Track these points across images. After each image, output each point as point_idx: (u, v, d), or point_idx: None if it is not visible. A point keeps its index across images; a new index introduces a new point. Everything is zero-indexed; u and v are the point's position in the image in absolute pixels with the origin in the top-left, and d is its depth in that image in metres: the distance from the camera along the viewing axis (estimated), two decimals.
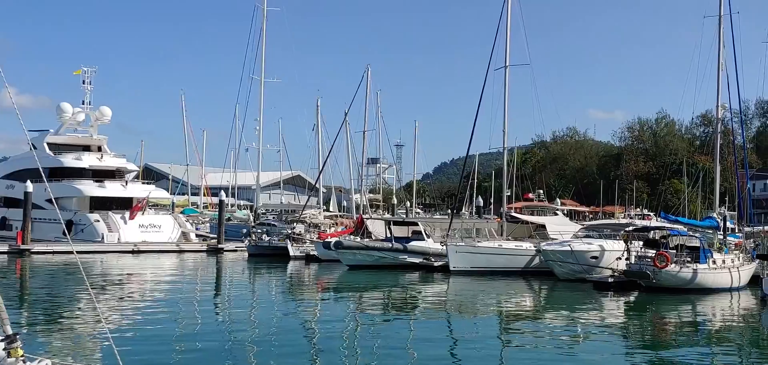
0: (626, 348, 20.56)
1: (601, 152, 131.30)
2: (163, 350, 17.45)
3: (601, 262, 36.62)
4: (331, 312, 26.61)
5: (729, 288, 33.14)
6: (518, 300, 30.87)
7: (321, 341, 19.83)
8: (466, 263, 39.29)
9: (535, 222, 48.68)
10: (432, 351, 18.51)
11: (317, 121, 68.64)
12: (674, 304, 28.97)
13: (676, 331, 23.94)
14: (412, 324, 23.52)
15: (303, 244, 50.30)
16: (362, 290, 32.78)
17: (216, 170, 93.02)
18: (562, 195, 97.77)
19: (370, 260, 42.22)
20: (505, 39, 44.97)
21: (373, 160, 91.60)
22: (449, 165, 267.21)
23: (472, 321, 24.96)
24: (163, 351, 17.35)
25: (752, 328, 24.76)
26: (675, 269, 32.13)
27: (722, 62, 40.88)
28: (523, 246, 41.80)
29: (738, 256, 35.71)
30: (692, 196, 67.90)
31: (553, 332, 22.55)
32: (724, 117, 44.45)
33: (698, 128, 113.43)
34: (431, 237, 44.38)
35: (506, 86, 45.21)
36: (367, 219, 51.43)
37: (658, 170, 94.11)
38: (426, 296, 31.79)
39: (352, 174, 69.99)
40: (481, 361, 17.56)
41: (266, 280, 38.22)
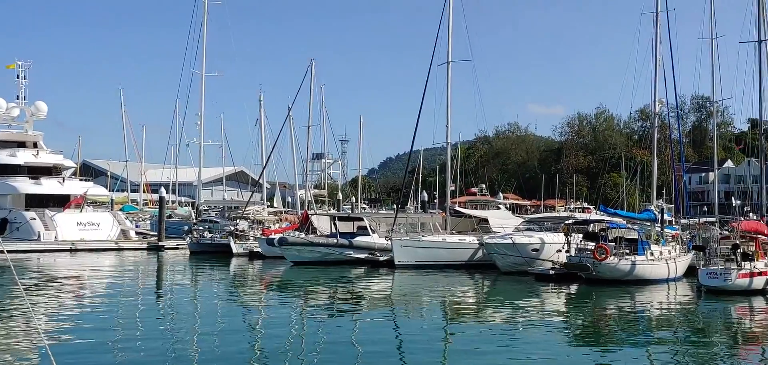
0: (567, 339, 20.93)
1: (542, 147, 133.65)
2: (103, 354, 16.98)
3: (542, 255, 37.25)
4: (275, 310, 26.36)
5: (666, 279, 34.09)
6: (462, 293, 31.13)
7: (265, 339, 19.61)
8: (410, 257, 39.47)
9: (478, 216, 49.14)
10: (377, 346, 18.50)
11: (260, 116, 68.00)
12: (613, 295, 29.65)
13: (615, 322, 24.47)
14: (357, 320, 23.48)
15: (246, 241, 49.78)
16: (307, 286, 32.59)
17: (156, 166, 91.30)
18: (505, 189, 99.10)
19: (315, 256, 42.05)
20: (447, 35, 45.28)
21: (318, 155, 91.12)
22: (395, 160, 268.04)
23: (417, 315, 25.05)
24: (102, 355, 16.88)
25: (689, 318, 25.47)
26: (614, 261, 32.86)
27: (659, 58, 41.94)
28: (466, 239, 42.21)
29: (675, 248, 36.75)
30: (631, 189, 69.61)
31: (495, 324, 22.82)
32: (661, 112, 45.56)
33: (636, 123, 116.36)
34: (376, 232, 44.40)
35: (448, 82, 45.57)
36: (311, 214, 51.14)
37: (598, 164, 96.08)
38: (371, 291, 31.80)
39: (296, 169, 69.62)
40: (425, 354, 17.61)
41: (209, 278, 37.66)
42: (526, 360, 17.06)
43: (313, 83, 66.51)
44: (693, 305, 28.23)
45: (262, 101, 68.30)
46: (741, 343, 20.70)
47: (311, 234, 45.50)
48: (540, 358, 17.39)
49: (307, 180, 73.91)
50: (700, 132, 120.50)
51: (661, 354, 18.51)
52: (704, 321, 24.68)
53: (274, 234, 46.45)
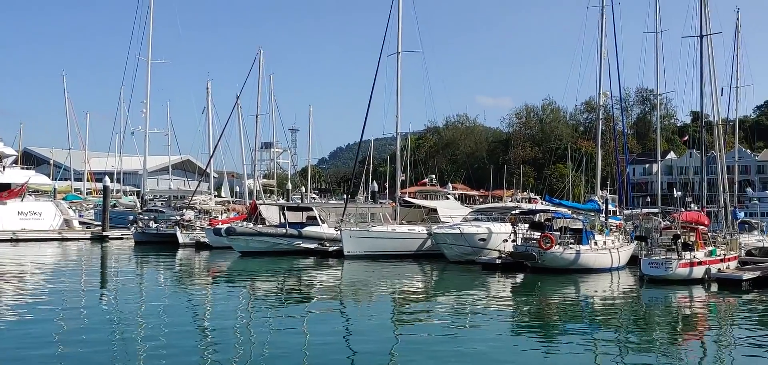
0: (513, 327, 21.20)
1: (490, 138, 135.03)
2: (45, 347, 16.53)
3: (489, 244, 37.69)
4: (222, 301, 26.07)
5: (609, 269, 34.84)
6: (410, 283, 31.28)
7: (213, 331, 19.38)
8: (360, 247, 39.51)
9: (427, 206, 49.48)
10: (326, 336, 18.45)
11: (207, 104, 67.14)
12: (558, 284, 30.19)
13: (560, 310, 24.90)
14: (306, 310, 23.38)
15: (193, 231, 49.22)
16: (255, 277, 32.32)
17: (100, 154, 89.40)
18: (454, 179, 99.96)
19: (264, 246, 41.76)
20: (397, 25, 45.39)
21: (267, 144, 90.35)
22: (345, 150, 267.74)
23: (366, 305, 25.07)
24: (44, 348, 16.42)
25: (631, 306, 26.09)
26: (559, 250, 33.46)
27: (604, 51, 42.69)
28: (415, 229, 42.44)
29: (618, 238, 37.59)
30: (576, 180, 70.90)
31: (443, 313, 23.00)
32: (606, 104, 46.45)
33: (582, 115, 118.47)
34: (326, 223, 44.30)
35: (398, 72, 45.69)
36: (260, 204, 50.78)
37: (544, 155, 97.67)
38: (320, 281, 31.70)
39: (244, 158, 68.84)
40: (374, 344, 17.64)
41: (154, 269, 37.04)
42: (473, 349, 17.22)
43: (261, 71, 66.07)
44: (635, 294, 28.90)
45: (210, 89, 67.48)
46: (681, 331, 21.27)
47: (260, 224, 45.19)
48: (487, 347, 17.58)
49: (256, 169, 73.37)
50: (644, 124, 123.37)
51: (605, 342, 18.91)
52: (646, 310, 25.29)
53: (222, 224, 45.98)
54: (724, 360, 17.25)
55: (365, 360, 16.14)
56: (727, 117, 57.82)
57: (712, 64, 38.08)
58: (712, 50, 37.87)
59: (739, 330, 21.19)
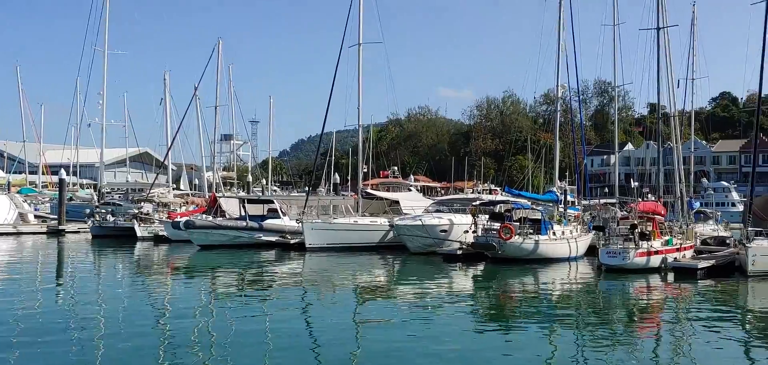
0: (474, 317, 21.32)
1: (452, 130, 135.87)
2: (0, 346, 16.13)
3: (450, 235, 37.90)
4: (182, 296, 25.70)
5: (568, 258, 35.32)
6: (372, 275, 31.28)
7: (172, 326, 19.09)
8: (321, 240, 39.40)
9: (389, 198, 49.53)
10: (288, 329, 18.35)
11: (165, 95, 66.46)
12: (518, 274, 30.49)
13: (520, 299, 25.13)
14: (267, 303, 23.21)
15: (151, 225, 48.57)
16: (215, 271, 31.97)
17: (56, 147, 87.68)
18: (416, 171, 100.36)
19: (224, 240, 41.38)
20: (359, 17, 45.27)
21: (227, 136, 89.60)
22: (307, 142, 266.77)
23: (328, 297, 24.97)
24: None
25: (590, 295, 26.45)
26: (519, 240, 33.79)
27: (563, 43, 43.17)
28: (377, 221, 42.47)
29: (576, 228, 38.09)
30: (536, 171, 71.66)
31: (405, 304, 23.02)
32: (564, 96, 47.00)
33: (541, 106, 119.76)
34: (287, 215, 44.09)
35: (360, 64, 45.62)
36: (220, 197, 50.31)
37: (505, 147, 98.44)
38: (282, 274, 31.51)
39: (203, 151, 68.30)
40: (336, 336, 17.57)
41: (112, 263, 36.42)
42: (435, 339, 17.28)
43: (220, 62, 65.61)
44: (593, 283, 29.31)
45: (168, 80, 66.87)
46: (638, 320, 21.63)
47: (219, 217, 44.80)
48: (448, 337, 17.65)
49: (215, 162, 72.73)
50: (602, 116, 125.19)
51: (563, 331, 19.14)
52: (604, 299, 25.68)
53: (181, 218, 45.47)
54: (680, 347, 17.58)
55: (327, 352, 16.07)
56: (684, 109, 59.11)
57: (669, 56, 38.81)
58: (668, 43, 38.61)
59: (695, 318, 21.64)
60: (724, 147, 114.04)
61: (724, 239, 39.29)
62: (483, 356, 15.93)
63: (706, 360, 16.15)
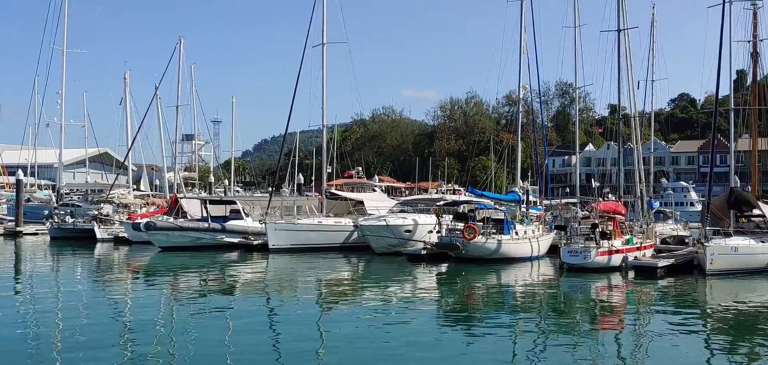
0: (438, 317, 21.37)
1: (416, 130, 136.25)
2: None
3: (414, 235, 37.95)
4: (143, 298, 25.32)
5: (530, 258, 35.62)
6: (337, 275, 31.16)
7: (133, 329, 18.77)
8: (285, 241, 39.17)
9: (353, 198, 49.44)
10: (251, 332, 18.15)
11: (125, 95, 65.63)
12: (481, 273, 30.65)
13: (483, 299, 25.26)
14: (230, 305, 22.99)
15: (111, 226, 47.87)
16: (177, 272, 31.55)
17: (13, 147, 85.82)
18: (380, 171, 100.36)
19: (185, 241, 40.90)
20: (322, 16, 45.09)
21: (188, 136, 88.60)
22: (270, 142, 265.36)
23: (292, 299, 24.81)
24: None
25: (552, 294, 26.70)
26: (482, 240, 33.98)
27: (524, 45, 43.52)
28: (341, 222, 42.36)
29: (538, 227, 38.45)
30: (498, 172, 72.18)
31: (369, 305, 22.98)
32: (526, 97, 47.38)
33: (504, 107, 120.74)
34: (250, 216, 43.73)
35: (324, 64, 45.44)
36: (181, 198, 49.75)
37: (468, 147, 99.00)
38: (244, 276, 31.24)
39: (164, 151, 67.50)
40: (300, 338, 17.44)
41: (71, 266, 35.74)
42: (399, 339, 17.27)
43: (182, 61, 64.95)
44: (555, 282, 29.58)
45: (128, 80, 65.92)
46: (599, 318, 21.86)
47: (181, 218, 44.27)
48: (412, 336, 17.65)
49: (177, 162, 71.90)
50: (564, 117, 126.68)
51: (526, 330, 19.27)
52: (566, 298, 25.93)
53: (141, 219, 44.86)
54: (641, 345, 17.82)
55: (291, 353, 15.95)
56: (644, 110, 59.98)
57: (629, 58, 39.32)
58: (629, 45, 39.09)
59: (655, 315, 21.98)
60: (683, 147, 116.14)
61: (683, 238, 40.00)
62: (447, 355, 15.94)
63: (666, 357, 16.38)
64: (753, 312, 22.53)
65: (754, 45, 36.23)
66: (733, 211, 33.34)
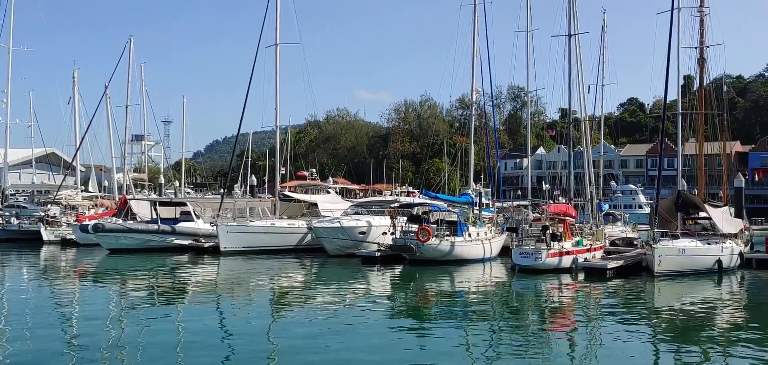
0: (392, 319, 21.32)
1: (370, 132, 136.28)
2: None
3: (369, 237, 37.93)
4: (90, 301, 24.72)
5: (482, 259, 35.90)
6: (290, 278, 30.93)
7: (80, 332, 18.33)
8: (237, 243, 38.74)
9: (307, 200, 49.17)
10: (201, 336, 17.86)
11: (74, 94, 64.32)
12: (435, 275, 30.76)
13: (437, 300, 25.32)
14: (180, 309, 22.58)
15: (58, 228, 46.82)
16: (125, 275, 30.94)
17: None
18: (335, 173, 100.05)
19: (135, 243, 40.20)
20: (276, 17, 44.76)
21: (138, 136, 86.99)
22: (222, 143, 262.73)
23: (244, 302, 24.51)
24: None
25: (503, 294, 26.92)
26: (435, 242, 34.13)
27: (477, 48, 43.83)
28: (295, 224, 42.09)
29: (490, 229, 38.79)
30: (452, 174, 72.59)
31: (323, 307, 22.82)
32: (479, 100, 47.74)
33: (457, 110, 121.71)
34: (201, 218, 43.16)
35: (277, 65, 45.08)
36: (130, 200, 48.81)
37: (422, 150, 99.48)
38: (195, 279, 30.76)
39: (113, 151, 66.21)
40: (252, 342, 17.23)
41: (16, 268, 34.77)
42: (353, 341, 17.18)
43: (132, 60, 63.66)
44: (507, 283, 29.85)
45: (76, 78, 64.54)
46: (550, 319, 22.11)
47: (130, 220, 43.47)
48: (366, 339, 17.59)
49: (126, 163, 70.60)
50: (516, 120, 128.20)
51: (478, 330, 19.37)
52: (517, 299, 26.18)
53: (89, 221, 43.96)
54: (590, 345, 18.05)
55: (242, 358, 15.73)
56: (594, 114, 60.99)
57: (580, 62, 39.92)
58: (579, 49, 39.68)
59: (605, 316, 22.30)
60: (632, 151, 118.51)
61: (631, 240, 40.82)
62: (400, 357, 15.93)
63: (615, 357, 16.62)
64: (699, 313, 23.05)
65: (700, 51, 37.04)
66: (680, 214, 34.11)
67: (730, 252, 32.21)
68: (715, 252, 31.55)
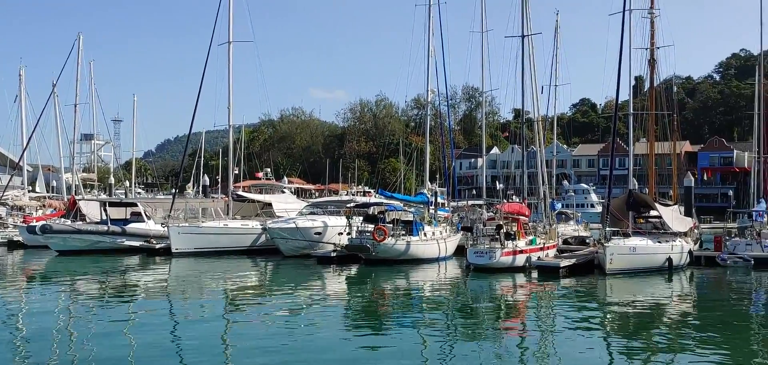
0: (347, 319, 21.19)
1: (326, 132, 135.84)
2: None
3: (324, 238, 37.69)
4: (38, 305, 23.96)
5: (437, 259, 35.98)
6: (243, 279, 30.53)
7: (28, 336, 17.77)
8: (189, 244, 38.14)
9: (261, 200, 48.64)
10: (153, 339, 17.43)
11: (20, 92, 62.76)
12: (391, 275, 30.73)
13: (392, 300, 25.26)
14: (130, 312, 22.07)
15: (4, 229, 45.56)
16: (74, 277, 30.17)
17: None
18: (290, 173, 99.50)
19: (84, 245, 39.30)
20: (228, 14, 44.18)
21: (87, 136, 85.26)
22: (174, 142, 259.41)
23: (196, 304, 24.08)
24: None
25: (458, 294, 27.00)
26: (391, 242, 34.10)
27: (432, 49, 43.91)
28: (249, 224, 41.62)
29: (446, 229, 38.91)
30: (408, 174, 72.75)
31: (277, 309, 22.55)
32: (434, 100, 47.87)
33: (412, 110, 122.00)
34: (152, 219, 42.37)
35: (230, 63, 44.48)
36: (79, 200, 47.68)
37: (378, 149, 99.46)
38: (146, 281, 30.14)
39: (62, 151, 64.62)
40: (204, 344, 16.90)
41: None
42: (308, 343, 17.01)
43: (81, 58, 62.34)
44: (462, 282, 29.95)
45: (23, 76, 62.99)
46: (504, 317, 22.22)
47: (79, 221, 42.46)
48: (321, 340, 17.43)
49: (75, 163, 69.04)
50: (470, 120, 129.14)
51: (433, 330, 19.34)
52: (472, 298, 26.27)
53: (37, 222, 42.81)
54: (544, 343, 18.18)
55: (195, 361, 15.43)
56: (547, 114, 61.72)
57: (533, 63, 40.25)
58: (532, 50, 40.01)
59: (557, 314, 22.52)
60: (584, 151, 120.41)
61: (584, 239, 41.39)
62: (355, 357, 15.82)
63: (567, 354, 16.75)
64: (650, 310, 23.46)
65: (651, 52, 37.72)
66: (631, 213, 34.67)
67: (680, 250, 32.82)
68: (665, 251, 32.12)
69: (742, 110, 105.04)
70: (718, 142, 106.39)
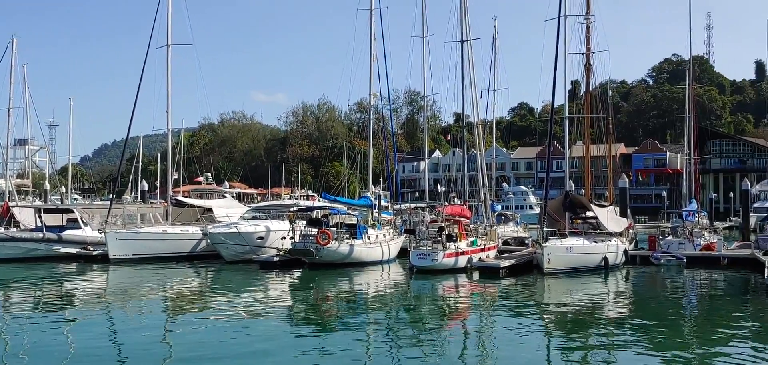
0: (290, 324, 21.14)
1: (268, 136, 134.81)
2: None
3: (267, 242, 37.46)
4: None
5: (381, 261, 36.16)
6: (184, 286, 30.09)
7: None
8: (127, 250, 37.43)
9: (201, 205, 47.97)
10: (90, 348, 17.09)
11: None
12: (335, 278, 30.76)
13: (336, 303, 25.31)
14: (67, 321, 21.55)
15: None
16: (7, 286, 29.22)
17: None
18: (231, 177, 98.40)
19: (17, 252, 38.08)
20: (167, 17, 43.45)
21: (21, 141, 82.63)
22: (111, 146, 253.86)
23: (135, 312, 23.65)
24: None
25: (401, 295, 27.23)
26: (335, 245, 34.12)
27: (374, 53, 44.12)
28: (189, 230, 41.02)
29: (389, 231, 39.12)
30: (351, 177, 72.83)
31: (219, 315, 22.35)
32: (377, 104, 48.10)
33: (355, 114, 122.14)
34: (89, 225, 41.37)
35: (168, 66, 43.74)
36: (13, 207, 46.14)
37: (321, 153, 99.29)
38: (83, 289, 29.43)
39: None
40: (143, 353, 16.65)
41: None
42: (251, 349, 16.92)
43: (14, 61, 60.28)
44: (405, 284, 30.18)
45: None
46: (447, 316, 22.52)
47: (13, 228, 41.13)
48: (264, 345, 17.35)
49: (8, 168, 66.80)
50: (413, 124, 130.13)
51: (377, 331, 19.50)
52: (415, 299, 26.51)
53: None
54: (485, 341, 18.50)
55: None
56: (486, 118, 62.64)
57: (472, 68, 40.88)
58: (472, 55, 40.63)
59: (498, 313, 22.95)
60: (522, 153, 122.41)
61: (523, 239, 42.18)
62: (298, 361, 15.81)
63: (508, 351, 17.09)
64: (587, 308, 24.09)
65: (587, 57, 38.63)
66: (568, 214, 35.46)
67: (615, 249, 33.71)
68: (601, 250, 32.95)
69: (674, 113, 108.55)
70: (652, 144, 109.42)
